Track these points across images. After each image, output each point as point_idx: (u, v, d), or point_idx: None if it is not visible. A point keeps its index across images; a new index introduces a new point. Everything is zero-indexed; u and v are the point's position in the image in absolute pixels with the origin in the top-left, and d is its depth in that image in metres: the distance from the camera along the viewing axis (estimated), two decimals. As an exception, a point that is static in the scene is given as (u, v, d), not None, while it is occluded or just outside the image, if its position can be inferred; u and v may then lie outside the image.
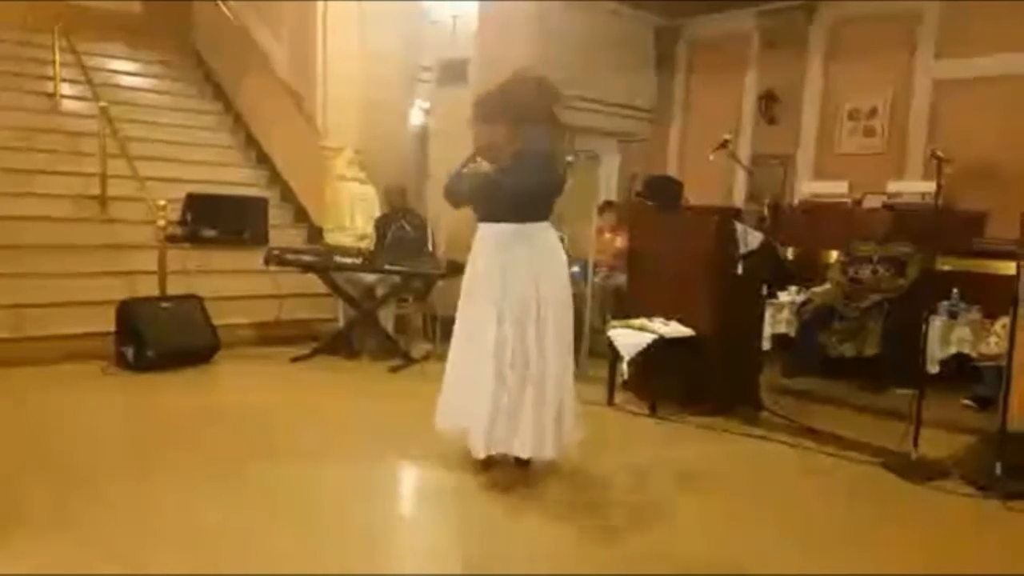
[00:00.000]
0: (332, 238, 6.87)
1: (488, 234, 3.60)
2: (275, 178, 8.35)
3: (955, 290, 5.84)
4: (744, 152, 8.67)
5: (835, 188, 7.63)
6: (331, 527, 3.09)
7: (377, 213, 6.99)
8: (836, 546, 3.17)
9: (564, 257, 3.69)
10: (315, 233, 7.58)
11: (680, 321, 4.99)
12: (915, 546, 3.22)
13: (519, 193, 3.49)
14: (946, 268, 5.98)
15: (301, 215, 8.01)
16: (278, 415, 4.65)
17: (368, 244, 6.72)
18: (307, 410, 4.80)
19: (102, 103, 7.22)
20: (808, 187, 8.09)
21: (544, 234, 3.59)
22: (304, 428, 4.42)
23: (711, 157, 5.26)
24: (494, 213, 3.56)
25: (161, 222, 5.96)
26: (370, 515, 3.26)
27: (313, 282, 6.41)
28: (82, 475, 3.50)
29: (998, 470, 3.73)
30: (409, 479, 3.90)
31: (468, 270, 3.70)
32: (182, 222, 6.89)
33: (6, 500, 3.14)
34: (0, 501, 3.12)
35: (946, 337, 5.73)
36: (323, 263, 6.22)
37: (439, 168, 6.37)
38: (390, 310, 6.54)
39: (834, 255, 6.72)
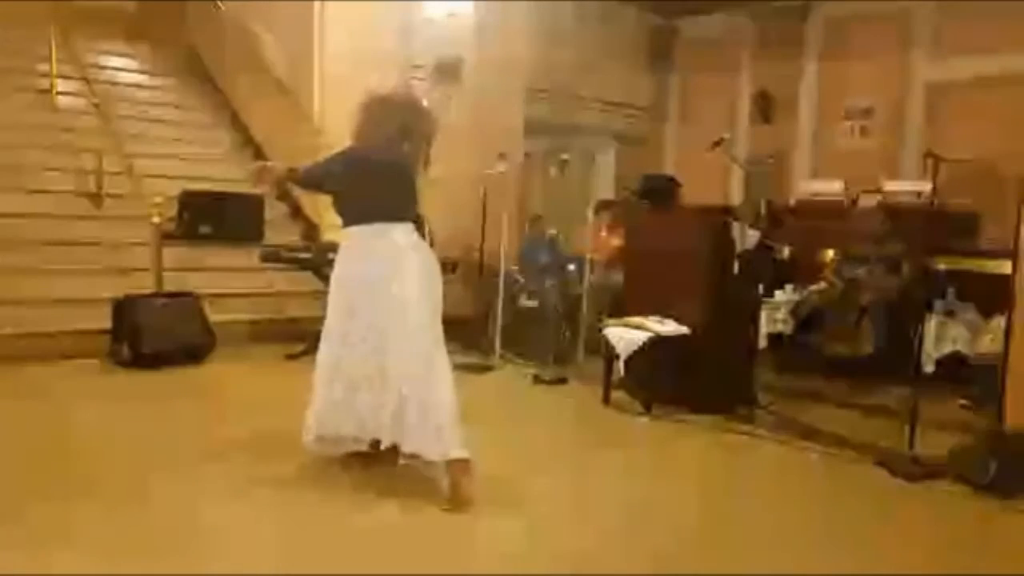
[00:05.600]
0: (329, 235, 6.85)
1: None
2: (271, 175, 8.31)
3: (951, 289, 5.85)
4: (740, 151, 8.70)
5: (830, 187, 7.62)
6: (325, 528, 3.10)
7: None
8: (830, 544, 3.18)
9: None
10: (311, 230, 7.57)
11: (676, 320, 5.00)
12: (909, 545, 3.23)
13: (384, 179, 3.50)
14: (941, 267, 6.00)
15: (297, 212, 8.00)
16: (269, 413, 4.64)
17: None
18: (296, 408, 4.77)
19: (97, 100, 7.20)
20: (804, 186, 8.09)
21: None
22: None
23: (707, 155, 5.26)
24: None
25: (157, 219, 5.95)
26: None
27: (309, 279, 6.40)
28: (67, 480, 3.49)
29: (993, 469, 3.74)
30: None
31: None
32: (178, 219, 6.88)
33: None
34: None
35: (942, 336, 5.73)
36: (319, 260, 6.21)
37: (433, 165, 6.36)
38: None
39: (830, 254, 6.72)
